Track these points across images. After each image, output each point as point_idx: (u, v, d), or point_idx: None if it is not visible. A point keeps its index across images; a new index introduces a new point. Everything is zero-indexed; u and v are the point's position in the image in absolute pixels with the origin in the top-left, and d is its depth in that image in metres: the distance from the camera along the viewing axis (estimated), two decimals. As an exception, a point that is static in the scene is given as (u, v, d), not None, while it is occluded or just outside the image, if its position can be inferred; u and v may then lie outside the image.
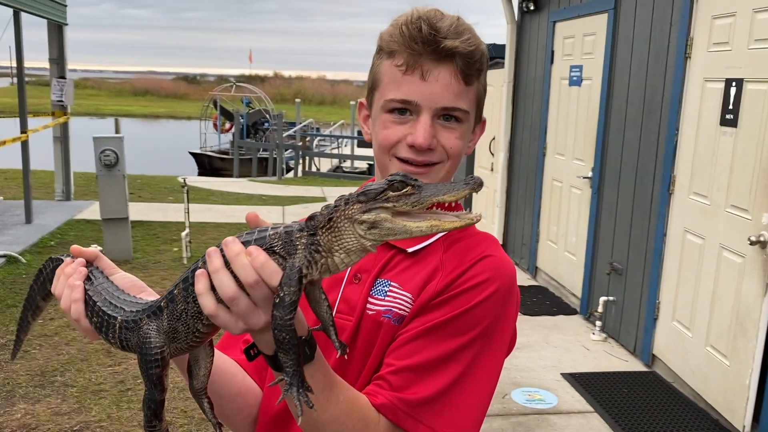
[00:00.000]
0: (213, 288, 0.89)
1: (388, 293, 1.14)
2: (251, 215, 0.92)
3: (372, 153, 1.27)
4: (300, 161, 18.43)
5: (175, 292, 0.94)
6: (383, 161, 1.19)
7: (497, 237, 7.95)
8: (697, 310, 4.39)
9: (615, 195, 5.52)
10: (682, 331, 4.56)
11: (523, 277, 7.21)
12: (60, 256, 1.09)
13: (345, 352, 0.99)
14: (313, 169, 19.19)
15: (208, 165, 22.29)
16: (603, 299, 5.53)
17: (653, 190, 4.93)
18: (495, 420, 4.08)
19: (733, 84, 4.01)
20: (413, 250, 1.17)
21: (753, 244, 3.76)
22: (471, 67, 1.14)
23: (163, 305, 0.95)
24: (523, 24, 7.50)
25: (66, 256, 1.08)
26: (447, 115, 1.15)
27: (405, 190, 0.87)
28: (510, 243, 7.90)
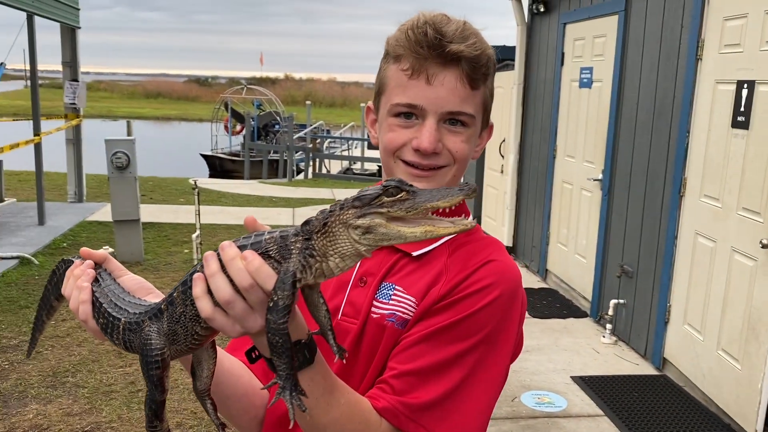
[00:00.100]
0: (210, 291, 0.89)
1: (392, 297, 1.14)
2: (249, 219, 0.93)
3: None
4: (310, 163, 18.48)
5: (175, 295, 0.95)
6: (389, 164, 1.19)
7: (507, 239, 7.95)
8: (709, 313, 4.36)
9: (625, 197, 5.49)
10: (693, 335, 4.53)
11: (533, 280, 7.18)
12: (72, 257, 1.10)
13: (343, 356, 0.99)
14: (323, 171, 19.23)
15: (219, 167, 22.41)
16: (613, 302, 5.51)
17: (664, 192, 4.90)
18: (504, 423, 4.07)
19: (745, 86, 3.98)
20: (418, 254, 1.17)
21: (765, 247, 3.74)
22: (477, 72, 1.13)
23: (164, 308, 0.97)
24: (533, 26, 7.49)
25: (76, 257, 1.09)
26: (453, 120, 1.14)
27: (400, 195, 0.87)
28: (520, 245, 7.87)
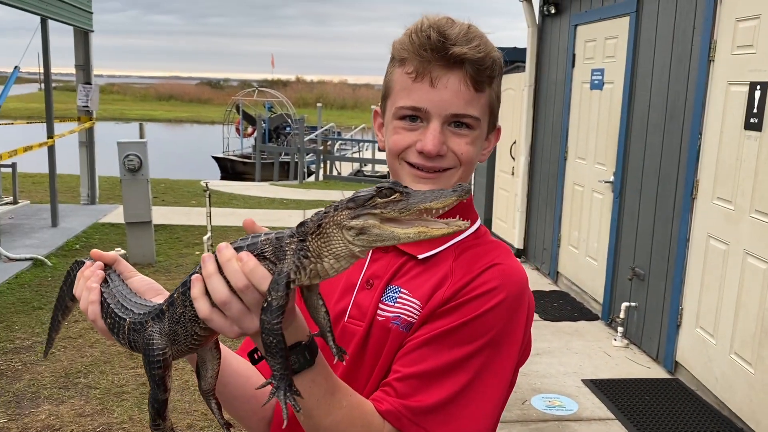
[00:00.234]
0: (208, 292, 0.91)
1: (397, 300, 1.14)
2: (248, 221, 0.94)
3: None
4: (321, 165, 18.52)
5: (175, 296, 0.97)
6: (394, 166, 1.20)
7: (518, 242, 7.93)
8: (721, 316, 4.32)
9: (637, 200, 5.46)
10: (705, 338, 4.49)
11: (544, 282, 7.16)
12: (85, 259, 1.13)
13: (342, 357, 1.00)
14: (334, 173, 19.27)
15: (230, 169, 22.50)
16: (625, 305, 5.47)
17: (676, 194, 4.87)
18: (514, 426, 4.06)
19: (758, 87, 3.95)
20: (424, 257, 1.17)
21: (778, 250, 3.70)
22: (481, 74, 1.13)
23: (165, 308, 0.98)
24: (544, 27, 7.47)
25: (87, 259, 1.12)
26: (458, 122, 1.14)
27: (393, 196, 0.88)
28: (531, 248, 7.85)
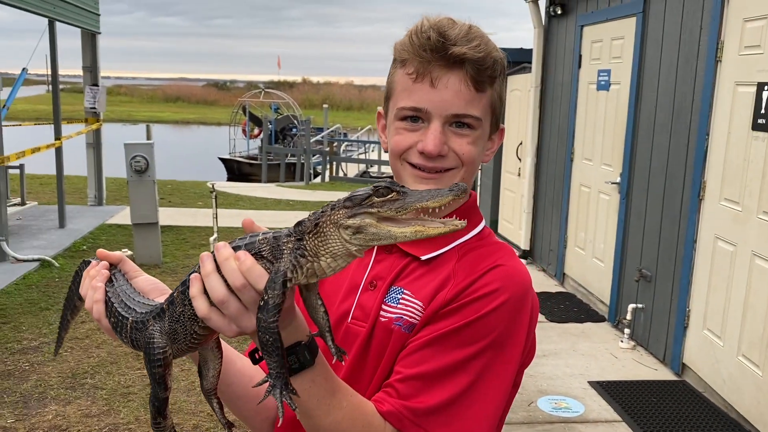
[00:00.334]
0: (206, 291, 0.91)
1: (400, 301, 1.14)
2: (247, 221, 0.94)
3: None
4: (327, 166, 18.53)
5: (175, 295, 0.98)
6: (396, 167, 1.20)
7: (524, 243, 7.91)
8: (729, 318, 4.30)
9: (644, 201, 5.44)
10: (713, 340, 4.47)
11: (551, 284, 7.14)
12: (92, 258, 1.14)
13: (341, 357, 1.00)
14: (341, 175, 19.28)
15: (237, 170, 22.55)
16: (632, 306, 5.45)
17: (683, 195, 4.85)
18: (520, 428, 4.05)
19: (766, 88, 3.93)
20: (427, 258, 1.17)
21: (786, 251, 3.68)
22: (482, 74, 1.13)
23: (165, 307, 0.99)
24: (551, 28, 7.45)
25: (94, 259, 1.13)
26: (459, 122, 1.14)
27: (390, 196, 0.88)
28: (537, 249, 7.83)
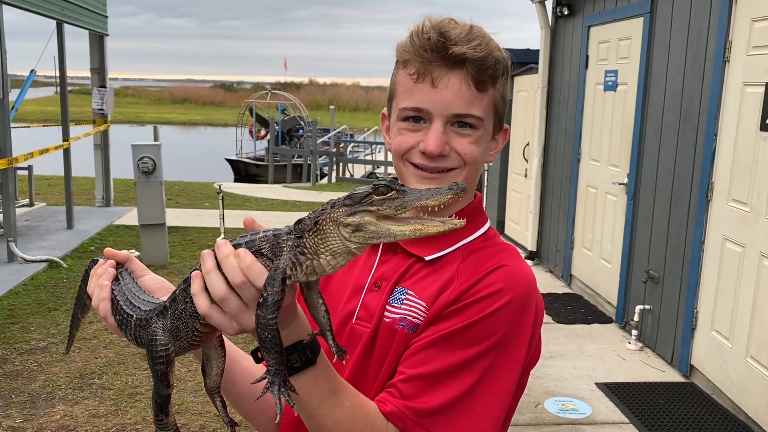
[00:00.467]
0: (207, 289, 0.92)
1: (404, 301, 1.14)
2: (248, 220, 0.95)
3: None
4: (334, 167, 18.55)
5: (177, 292, 0.98)
6: (399, 167, 1.20)
7: (531, 244, 7.89)
8: (737, 319, 4.28)
9: (651, 202, 5.42)
10: (721, 342, 4.45)
11: (557, 285, 7.12)
12: (100, 258, 1.16)
13: (342, 356, 1.00)
14: (347, 175, 19.29)
15: (243, 171, 22.59)
16: (639, 308, 5.43)
17: (691, 196, 4.82)
18: (527, 429, 4.04)
19: (774, 88, 3.91)
20: (431, 258, 1.17)
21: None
22: (483, 74, 1.12)
23: (167, 305, 1.00)
24: (558, 29, 7.44)
25: (102, 258, 1.15)
26: (461, 122, 1.14)
27: (390, 194, 0.89)
28: (544, 250, 7.81)
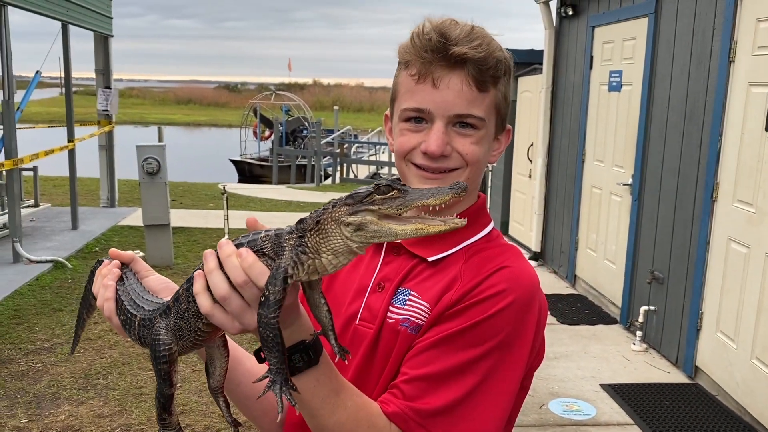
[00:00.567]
0: (209, 288, 0.92)
1: (407, 302, 1.14)
2: (250, 220, 0.95)
3: None
4: (338, 168, 18.55)
5: (180, 292, 0.99)
6: (401, 168, 1.20)
7: (535, 244, 7.88)
8: (742, 321, 4.26)
9: (656, 202, 5.41)
10: (726, 343, 4.43)
11: (562, 286, 7.10)
12: (106, 258, 1.16)
13: (344, 356, 1.01)
14: (351, 176, 19.30)
15: (248, 172, 22.62)
16: (644, 309, 5.41)
17: (695, 197, 4.81)
18: (531, 430, 4.03)
19: (779, 88, 3.90)
20: (434, 259, 1.17)
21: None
22: (484, 74, 1.12)
23: (171, 304, 1.00)
24: (562, 29, 7.43)
25: (107, 258, 1.15)
26: (462, 122, 1.14)
27: (391, 193, 0.89)
28: (548, 251, 7.80)
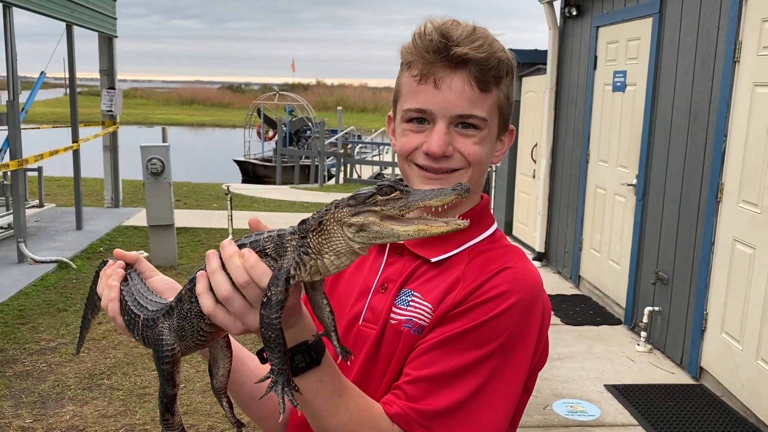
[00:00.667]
0: (212, 288, 0.92)
1: (410, 303, 1.14)
2: (253, 220, 0.95)
3: None
4: (341, 168, 18.56)
5: (183, 292, 0.99)
6: (404, 168, 1.21)
7: (539, 245, 7.87)
8: (748, 321, 4.25)
9: (660, 203, 5.40)
10: (731, 344, 4.42)
11: (566, 286, 7.09)
12: (110, 258, 1.16)
13: (347, 357, 1.00)
14: (355, 176, 19.30)
15: (251, 172, 22.63)
16: (648, 309, 5.40)
17: (700, 197, 4.80)
18: (535, 431, 4.02)
19: (785, 88, 3.88)
20: (437, 260, 1.17)
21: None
22: (486, 74, 1.12)
23: (174, 305, 1.00)
24: (566, 29, 7.41)
25: (112, 258, 1.15)
26: (464, 123, 1.14)
27: (393, 194, 0.89)
28: (552, 251, 7.79)
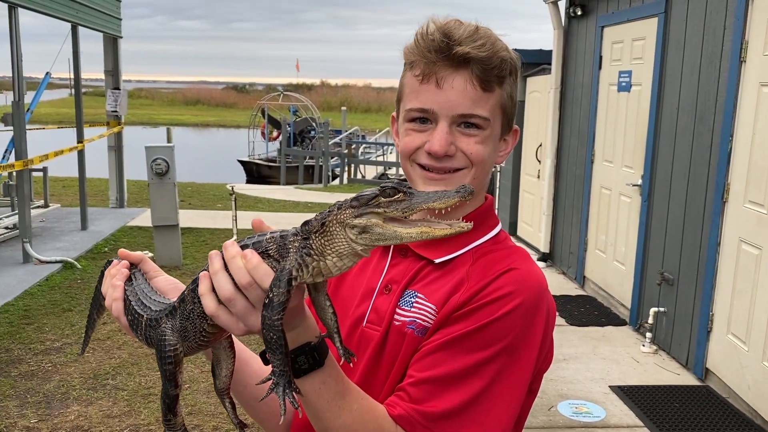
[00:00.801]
0: (215, 289, 0.92)
1: (414, 304, 1.14)
2: (256, 221, 0.95)
3: None
4: (345, 169, 18.57)
5: (186, 293, 0.99)
6: (406, 168, 1.20)
7: (544, 245, 7.85)
8: (754, 322, 4.23)
9: (666, 203, 5.38)
10: (737, 345, 4.40)
11: (571, 287, 7.07)
12: (115, 258, 1.17)
13: (349, 359, 1.00)
14: (359, 177, 19.30)
15: (256, 173, 22.65)
16: (653, 310, 5.38)
17: (706, 198, 4.78)
18: (540, 432, 4.02)
19: (791, 88, 3.86)
20: (440, 261, 1.16)
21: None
22: (488, 74, 1.12)
23: (177, 305, 1.00)
24: (571, 29, 7.40)
25: (116, 258, 1.15)
26: (467, 122, 1.14)
27: (396, 196, 0.88)
28: (557, 252, 7.77)
